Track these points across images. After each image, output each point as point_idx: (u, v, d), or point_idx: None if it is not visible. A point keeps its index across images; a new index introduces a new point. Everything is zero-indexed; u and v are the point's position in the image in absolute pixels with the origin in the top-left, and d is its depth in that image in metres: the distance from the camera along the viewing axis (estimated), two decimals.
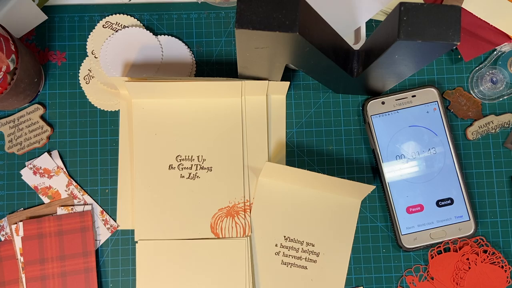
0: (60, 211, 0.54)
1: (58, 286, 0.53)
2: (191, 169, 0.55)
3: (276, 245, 0.54)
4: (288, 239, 0.54)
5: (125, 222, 0.55)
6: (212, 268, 0.54)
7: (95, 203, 0.55)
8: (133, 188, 0.55)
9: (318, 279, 0.54)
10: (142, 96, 0.54)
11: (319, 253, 0.54)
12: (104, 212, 0.55)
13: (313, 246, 0.54)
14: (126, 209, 0.55)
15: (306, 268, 0.54)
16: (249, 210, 0.54)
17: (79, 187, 0.55)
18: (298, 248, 0.54)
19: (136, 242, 0.54)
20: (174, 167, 0.55)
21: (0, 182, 0.55)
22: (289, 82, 0.53)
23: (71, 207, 0.54)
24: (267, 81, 0.53)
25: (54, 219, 0.53)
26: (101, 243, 0.55)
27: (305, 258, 0.54)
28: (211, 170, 0.55)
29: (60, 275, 0.53)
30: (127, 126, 0.56)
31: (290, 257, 0.54)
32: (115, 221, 0.55)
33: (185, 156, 0.55)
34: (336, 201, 0.54)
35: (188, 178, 0.55)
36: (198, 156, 0.55)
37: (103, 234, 0.55)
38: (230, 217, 0.54)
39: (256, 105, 0.56)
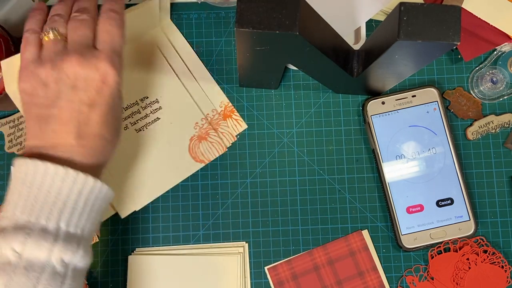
0: None
1: None
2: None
3: (126, 127, 0.54)
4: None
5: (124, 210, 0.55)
6: (205, 283, 0.53)
7: None
8: None
9: (176, 117, 0.54)
10: None
11: (156, 99, 0.54)
12: None
13: (147, 97, 0.54)
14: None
15: (159, 118, 0.54)
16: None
17: None
18: (138, 110, 0.54)
19: (131, 253, 0.54)
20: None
21: (0, 182, 0.55)
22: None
23: None
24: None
25: None
26: None
27: (151, 112, 0.54)
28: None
29: None
30: None
31: (139, 121, 0.54)
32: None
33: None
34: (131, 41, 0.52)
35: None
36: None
37: None
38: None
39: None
